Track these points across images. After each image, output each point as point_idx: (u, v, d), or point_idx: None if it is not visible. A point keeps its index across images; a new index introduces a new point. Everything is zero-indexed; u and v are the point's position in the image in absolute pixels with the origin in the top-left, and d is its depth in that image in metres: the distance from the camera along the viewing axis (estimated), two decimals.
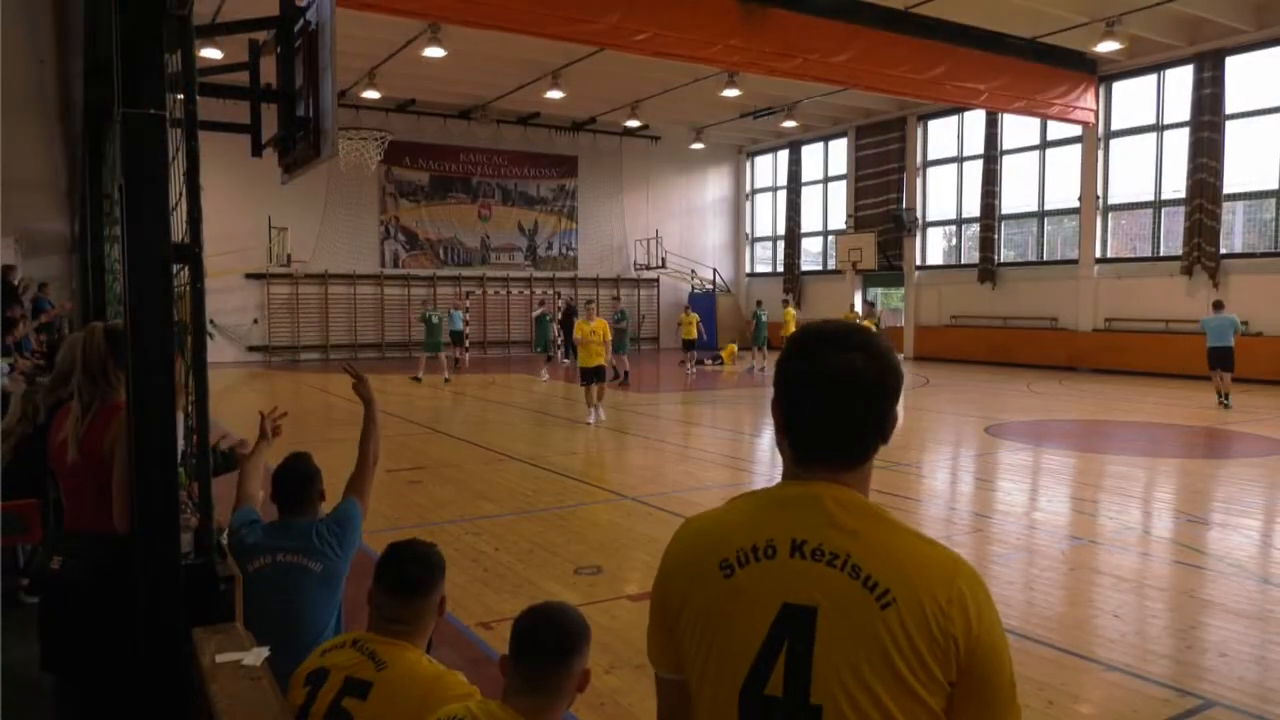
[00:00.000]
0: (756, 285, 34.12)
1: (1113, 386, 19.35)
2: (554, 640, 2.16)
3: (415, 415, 14.77)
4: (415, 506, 8.23)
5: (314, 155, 4.16)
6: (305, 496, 3.39)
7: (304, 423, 14.59)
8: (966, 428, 13.62)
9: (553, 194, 31.39)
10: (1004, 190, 25.51)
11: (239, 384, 20.11)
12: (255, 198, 25.11)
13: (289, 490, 3.40)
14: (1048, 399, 17.31)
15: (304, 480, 3.42)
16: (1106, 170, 23.20)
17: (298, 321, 27.30)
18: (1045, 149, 24.58)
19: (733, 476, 9.83)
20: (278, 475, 3.40)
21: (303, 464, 3.47)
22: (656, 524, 7.57)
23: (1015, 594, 5.81)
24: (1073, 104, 21.90)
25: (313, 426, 14.10)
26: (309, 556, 3.25)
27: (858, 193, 29.58)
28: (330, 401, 17.73)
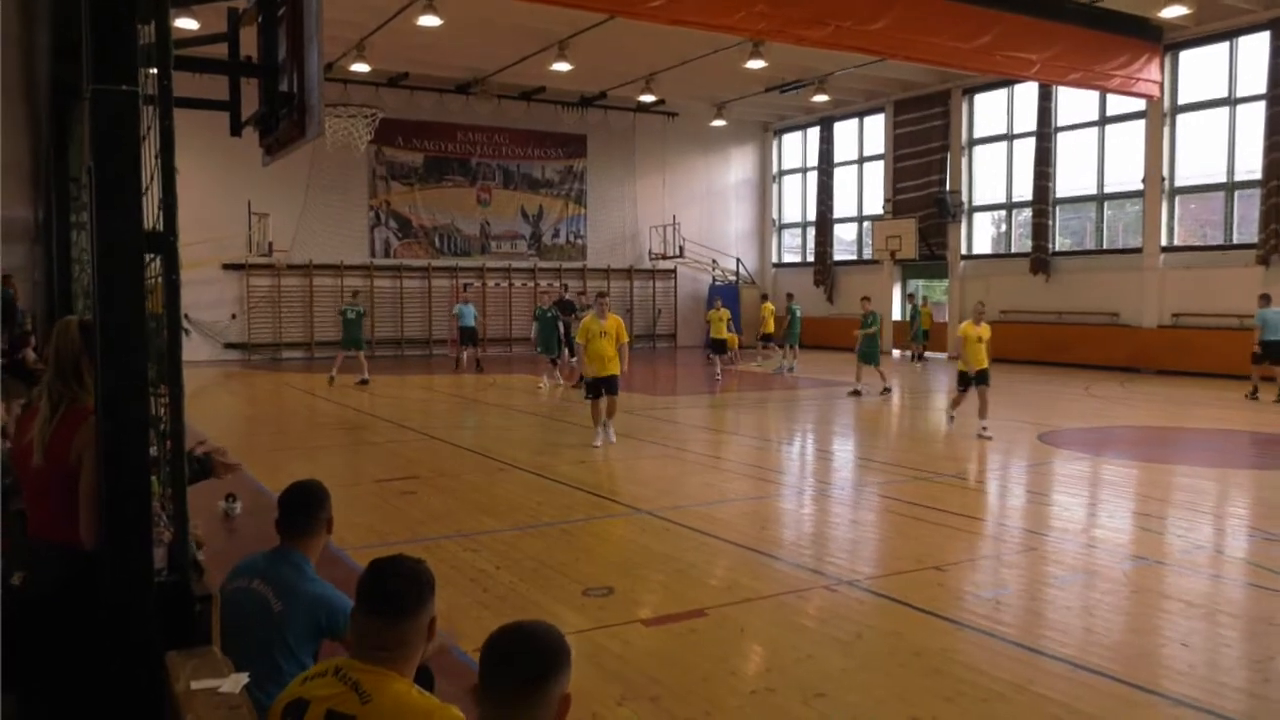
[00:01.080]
0: (784, 276, 34.05)
1: (1180, 389, 19.21)
2: (529, 662, 2.14)
3: (409, 420, 14.82)
4: (407, 519, 8.25)
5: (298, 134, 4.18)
6: (304, 524, 3.40)
7: (287, 429, 14.66)
8: (1017, 435, 13.54)
9: (559, 176, 31.43)
10: (1059, 171, 25.37)
11: (216, 384, 20.23)
12: (234, 181, 25.24)
13: (287, 515, 3.41)
14: (1108, 403, 17.19)
15: (303, 505, 3.43)
16: (1173, 149, 23.04)
17: (279, 316, 27.45)
18: (1105, 125, 24.43)
19: (758, 488, 9.81)
20: (282, 497, 3.42)
21: (304, 489, 3.49)
22: (674, 541, 7.57)
23: (1073, 620, 5.78)
24: (1135, 75, 21.76)
25: (296, 433, 14.17)
26: (276, 593, 3.26)
27: (896, 174, 29.48)
28: (315, 404, 17.81)
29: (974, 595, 6.22)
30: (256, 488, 9.48)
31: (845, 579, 6.52)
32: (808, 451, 12.72)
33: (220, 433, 13.18)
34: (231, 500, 8.27)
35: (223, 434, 13.11)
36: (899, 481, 10.05)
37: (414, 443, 12.74)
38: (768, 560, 7.04)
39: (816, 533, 8.05)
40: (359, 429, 14.10)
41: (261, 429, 14.62)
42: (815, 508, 9.10)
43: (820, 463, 11.74)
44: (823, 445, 13.05)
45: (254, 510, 8.32)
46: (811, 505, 9.22)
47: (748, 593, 6.25)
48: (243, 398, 18.63)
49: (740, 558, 7.11)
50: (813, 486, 10.08)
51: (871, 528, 8.25)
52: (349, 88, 26.47)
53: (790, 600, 6.12)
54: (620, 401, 12.73)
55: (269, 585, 3.27)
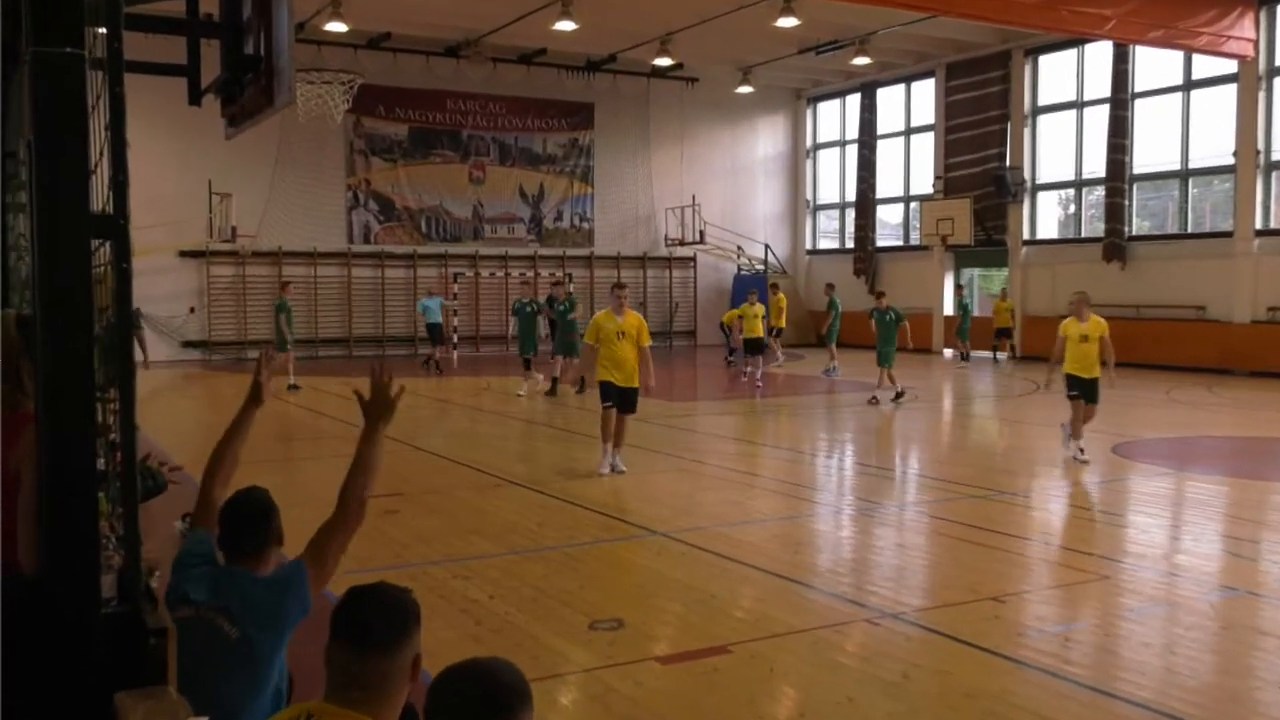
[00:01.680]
0: (819, 264, 34.02)
1: (1277, 394, 19.10)
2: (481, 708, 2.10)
3: (390, 428, 14.85)
4: (390, 542, 8.28)
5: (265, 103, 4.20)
6: (253, 539, 3.42)
7: (253, 439, 14.65)
8: (1088, 446, 13.49)
9: (562, 150, 31.48)
10: (1136, 144, 25.25)
11: (172, 388, 20.34)
12: (193, 157, 25.34)
13: (233, 530, 3.42)
14: (1192, 409, 17.10)
15: (251, 519, 3.44)
16: (1269, 117, 22.90)
17: (244, 311, 27.58)
18: (1190, 91, 24.30)
19: (790, 507, 9.80)
20: (223, 512, 3.43)
21: (251, 499, 3.50)
22: (693, 567, 7.57)
23: (1151, 659, 5.75)
24: (1225, 33, 21.64)
25: (264, 443, 14.20)
26: (228, 618, 3.27)
27: (948, 148, 29.41)
28: (286, 411, 17.88)
29: (1037, 630, 6.19)
30: None
31: (889, 611, 6.51)
32: (846, 465, 12.70)
33: (178, 443, 13.23)
34: (188, 520, 8.30)
35: (180, 445, 13.16)
36: (951, 499, 10.02)
37: (397, 454, 12.77)
38: (800, 589, 7.03)
39: (856, 558, 8.03)
40: (334, 439, 14.14)
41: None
42: (855, 529, 9.08)
43: (861, 478, 11.72)
44: (863, 458, 13.02)
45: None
46: (850, 527, 9.20)
47: (778, 626, 6.24)
48: (203, 403, 18.71)
49: (769, 586, 7.10)
50: (852, 505, 10.06)
51: (919, 552, 8.23)
52: (323, 50, 26.57)
53: (827, 635, 6.11)
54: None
55: (218, 612, 3.28)
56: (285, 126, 26.19)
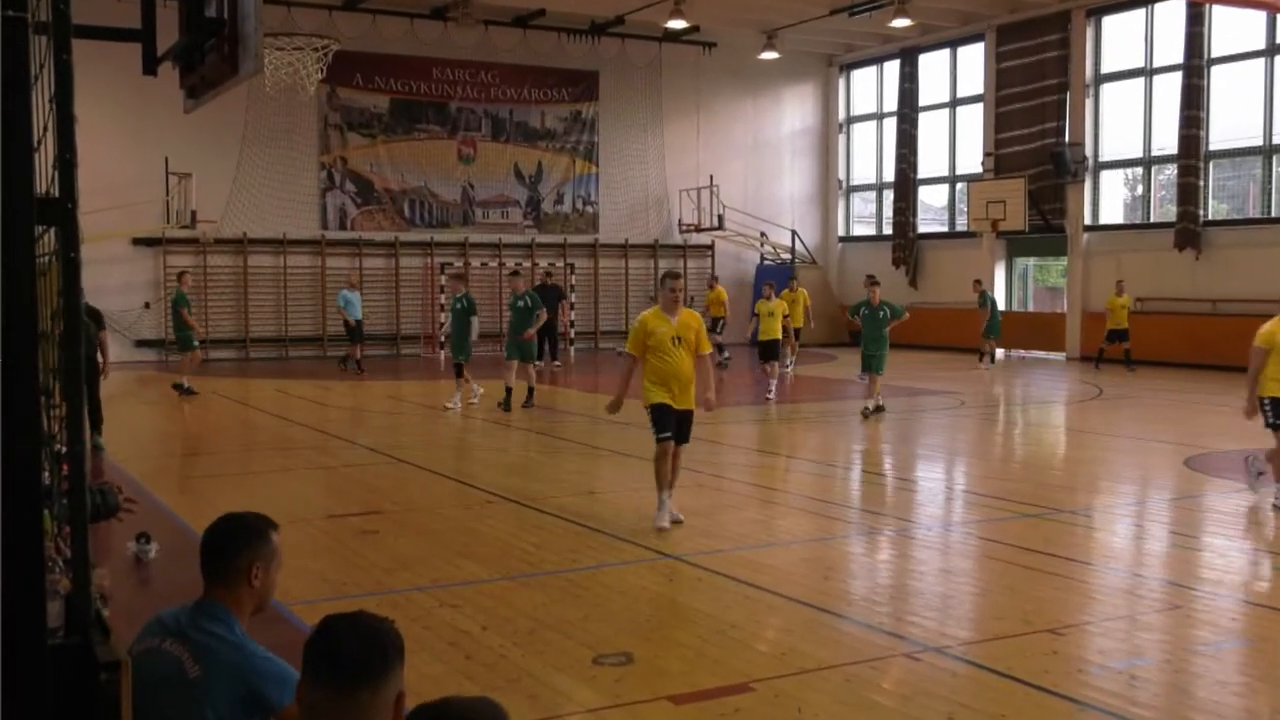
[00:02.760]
0: (854, 253, 34.00)
1: None
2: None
3: (368, 438, 14.90)
4: (369, 567, 8.30)
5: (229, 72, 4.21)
6: (226, 568, 3.43)
7: (215, 449, 14.77)
8: (1157, 459, 13.44)
9: (563, 125, 31.53)
10: (1212, 116, 25.18)
11: (126, 393, 20.41)
12: (148, 133, 25.42)
13: (210, 555, 3.45)
14: None
15: (225, 545, 3.45)
16: None
17: (205, 305, 27.64)
18: (1273, 57, 24.22)
19: (820, 527, 9.80)
20: (203, 538, 3.46)
21: (228, 523, 3.51)
22: (711, 595, 7.57)
23: (1230, 700, 5.74)
24: None
25: (228, 454, 14.27)
26: (194, 654, 3.28)
27: (1000, 121, 29.37)
28: (251, 418, 17.93)
29: (1100, 666, 6.19)
30: (177, 524, 9.55)
31: (933, 645, 6.50)
32: (884, 480, 12.68)
33: (132, 455, 13.30)
34: (144, 541, 8.34)
35: (135, 457, 13.24)
36: (1003, 519, 10.01)
37: (377, 467, 12.80)
38: (832, 620, 7.03)
39: (895, 585, 8.02)
40: (307, 450, 14.18)
41: (183, 449, 14.73)
42: (893, 552, 9.07)
43: (900, 495, 11.71)
44: (903, 471, 13.01)
45: (174, 554, 8.39)
46: (889, 549, 9.19)
47: (806, 661, 6.24)
48: (160, 410, 18.77)
49: (797, 616, 7.10)
50: (890, 525, 10.05)
51: (966, 579, 8.22)
52: (294, 12, 26.65)
53: (861, 672, 6.11)
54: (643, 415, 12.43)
55: (184, 645, 3.30)
56: (252, 98, 26.27)
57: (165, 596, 7.39)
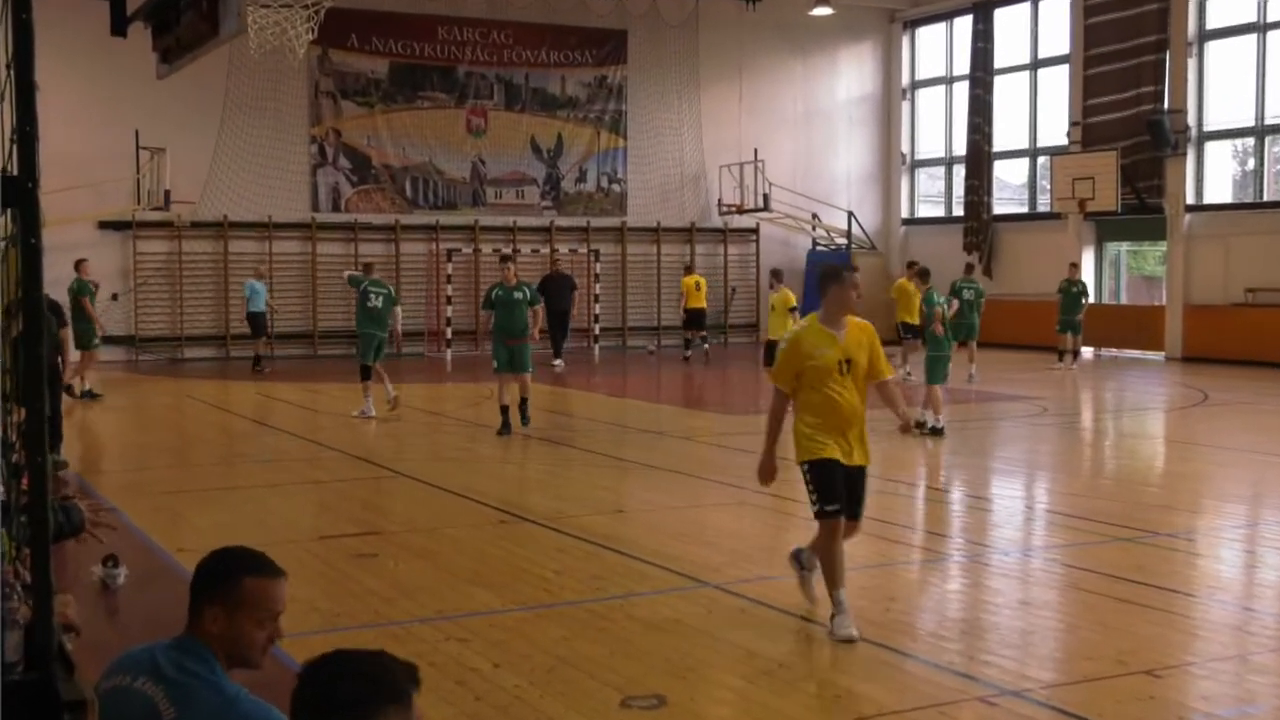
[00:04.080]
0: (919, 237, 33.82)
1: None
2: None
3: (367, 447, 14.94)
4: (366, 594, 8.32)
5: (208, 33, 4.24)
6: (214, 591, 3.45)
7: (191, 461, 14.85)
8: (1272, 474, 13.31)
9: (587, 92, 31.54)
10: None
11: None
12: (116, 103, 25.57)
13: (198, 582, 3.47)
14: None
15: (215, 566, 3.47)
16: None
17: (181, 297, 27.86)
18: None
19: (881, 552, 9.76)
20: (198, 566, 3.48)
21: (221, 556, 3.53)
22: (756, 628, 7.55)
23: None
24: None
25: (205, 467, 14.33)
26: (170, 695, 3.30)
27: (1089, 85, 29.15)
28: (232, 425, 18.01)
29: (1204, 713, 6.14)
30: (147, 546, 9.60)
31: (1010, 688, 6.47)
32: (954, 498, 12.61)
33: (97, 468, 13.40)
34: (112, 565, 8.39)
35: (100, 470, 13.33)
36: (1092, 543, 9.93)
37: (375, 481, 12.82)
38: (896, 658, 7.00)
39: (968, 618, 7.98)
40: (295, 462, 14.23)
41: (156, 461, 14.79)
42: (965, 581, 9.02)
43: (973, 515, 11.65)
44: (976, 488, 12.95)
45: (144, 579, 8.44)
46: (960, 577, 9.14)
47: (865, 706, 6.21)
48: (129, 416, 18.90)
49: (854, 654, 7.07)
50: (961, 550, 10.00)
51: (1050, 612, 8.16)
52: None
53: (930, 717, 6.07)
54: (678, 422, 12.54)
55: (159, 685, 3.32)
56: (233, 63, 26.39)
57: (135, 628, 7.44)
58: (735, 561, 9.19)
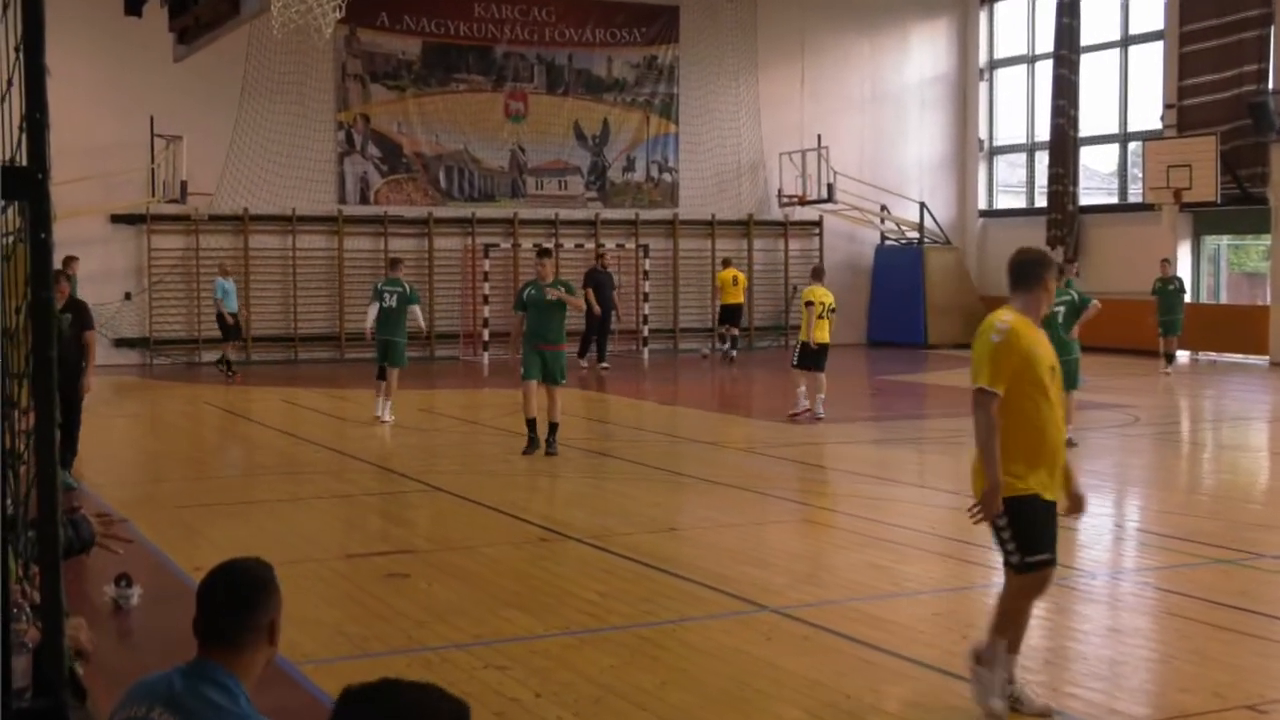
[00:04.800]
0: (998, 231, 33.60)
1: None
2: None
3: (397, 458, 15.00)
4: (398, 618, 8.35)
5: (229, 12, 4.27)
6: (235, 628, 3.47)
7: (209, 472, 14.96)
8: None
9: (635, 73, 31.55)
10: None
11: (102, 403, 20.72)
12: (130, 88, 25.82)
13: (210, 613, 3.48)
14: None
15: (234, 600, 3.49)
16: None
17: (198, 297, 28.05)
18: None
19: (956, 573, 9.70)
20: (202, 590, 3.50)
21: (240, 568, 3.55)
22: (820, 657, 7.52)
23: None
24: None
25: (226, 480, 14.44)
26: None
27: (1184, 64, 28.89)
28: (253, 435, 18.12)
29: None
30: (162, 564, 9.68)
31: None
32: None
33: (109, 479, 13.53)
34: (124, 585, 8.46)
35: (113, 481, 13.46)
36: (1188, 566, 9.84)
37: (406, 495, 12.86)
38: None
39: (1051, 647, 7.92)
40: (320, 474, 14.31)
41: (171, 473, 14.92)
42: (1048, 606, 8.93)
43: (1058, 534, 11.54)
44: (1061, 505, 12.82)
45: (158, 600, 8.49)
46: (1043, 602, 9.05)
47: None
48: (142, 423, 19.07)
49: (927, 685, 7.04)
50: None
51: (1142, 640, 8.09)
52: None
53: None
54: (735, 432, 12.34)
55: (177, 716, 3.34)
56: (254, 45, 26.61)
57: (150, 652, 7.50)
58: (797, 584, 9.16)
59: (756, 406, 22.27)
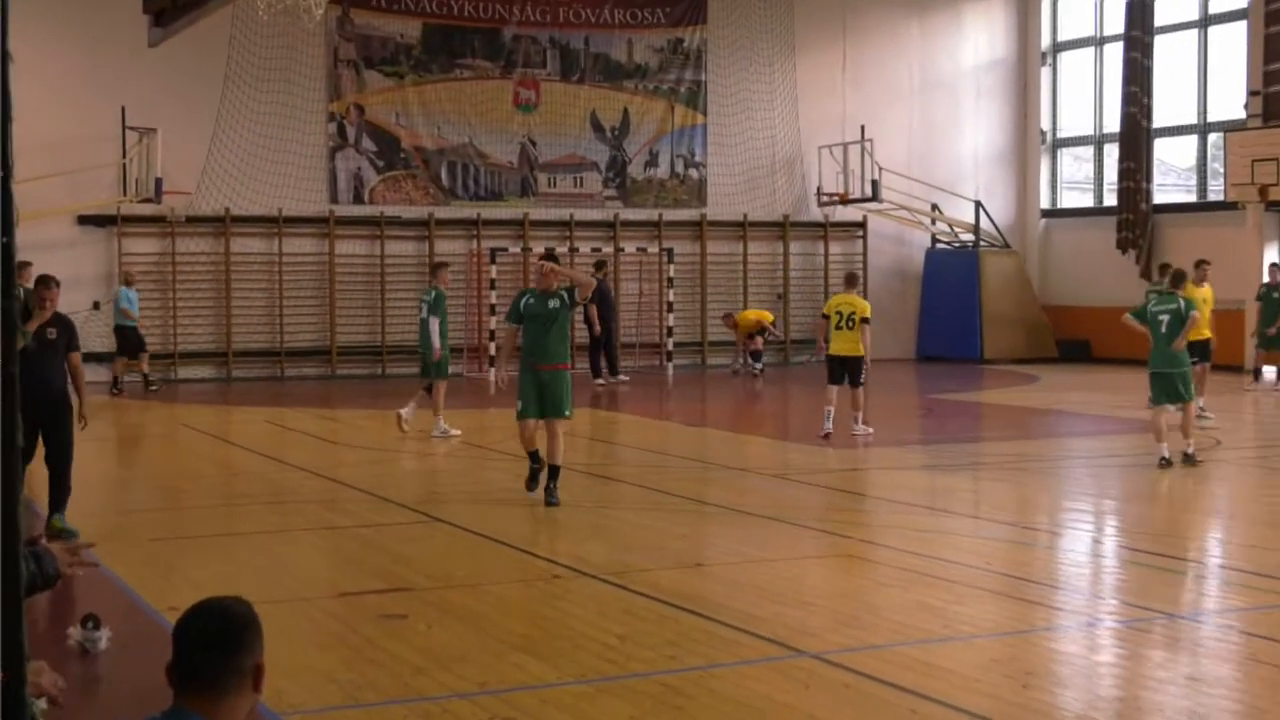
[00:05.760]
0: (1062, 233, 33.54)
1: None
2: None
3: (394, 486, 15.01)
4: (393, 664, 8.35)
5: None
6: (215, 674, 3.49)
7: (186, 501, 14.99)
8: None
9: (659, 58, 31.58)
10: None
11: None
12: (100, 76, 25.94)
13: (187, 649, 3.50)
14: None
15: (214, 643, 3.51)
16: None
17: (174, 306, 28.12)
18: None
19: (1016, 615, 9.67)
20: (178, 631, 3.52)
21: (220, 609, 3.57)
22: (863, 707, 7.52)
23: None
24: None
25: (205, 510, 14.46)
26: None
27: (1270, 46, 28.83)
28: (235, 461, 18.15)
29: None
30: (133, 604, 9.69)
31: None
32: (1105, 550, 12.48)
33: (73, 508, 13.55)
34: (91, 627, 8.48)
35: (77, 511, 13.48)
36: (1275, 607, 9.81)
37: (405, 527, 12.86)
38: None
39: (1123, 696, 7.90)
40: (310, 504, 14.34)
41: (144, 502, 14.95)
42: (1120, 651, 8.92)
43: (1129, 571, 11.51)
44: (1132, 538, 12.81)
45: (129, 643, 8.51)
46: (1113, 647, 9.04)
47: None
48: (111, 447, 19.11)
49: None
50: (1114, 613, 9.89)
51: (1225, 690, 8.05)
52: None
53: None
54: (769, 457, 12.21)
55: None
56: (237, 27, 26.74)
57: (119, 699, 7.52)
58: (838, 626, 9.15)
59: (792, 428, 22.24)
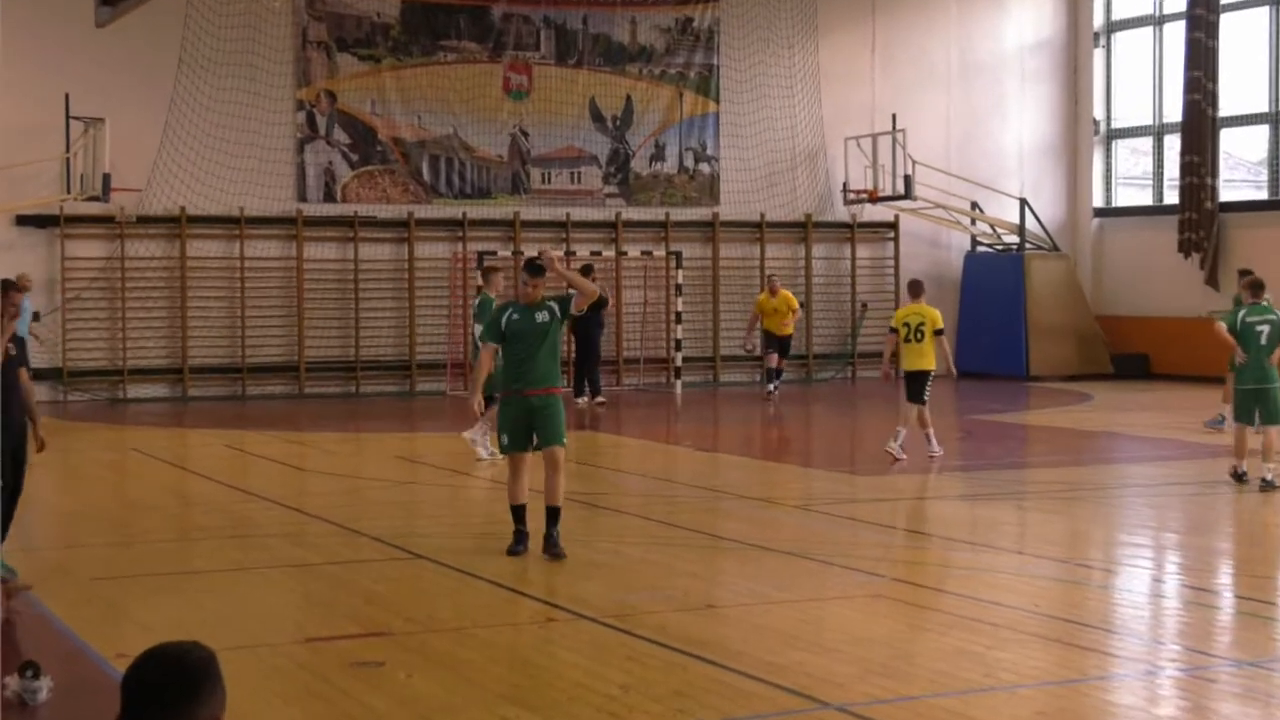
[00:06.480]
0: (1117, 234, 33.57)
1: None
2: None
3: (368, 522, 15.00)
4: (370, 717, 8.34)
5: None
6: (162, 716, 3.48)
7: (137, 535, 14.99)
8: None
9: (665, 40, 31.65)
10: None
11: None
12: (41, 59, 25.97)
13: (141, 706, 3.49)
14: None
15: (171, 688, 3.50)
16: None
17: (123, 316, 28.14)
18: None
19: (1065, 662, 9.66)
20: (128, 680, 3.51)
21: (174, 659, 3.56)
22: None
23: None
24: None
25: (158, 545, 14.44)
26: None
27: None
28: (192, 490, 18.15)
29: None
30: (76, 649, 9.68)
31: None
32: (1166, 591, 12.46)
33: (10, 543, 13.54)
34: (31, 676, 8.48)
35: (14, 547, 13.48)
36: None
37: (380, 564, 12.86)
38: None
39: None
40: (274, 538, 14.34)
41: (89, 536, 14.94)
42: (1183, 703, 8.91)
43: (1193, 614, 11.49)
44: (1195, 577, 12.82)
45: (72, 693, 8.50)
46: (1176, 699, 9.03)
47: None
48: (53, 474, 19.10)
49: None
50: (1177, 661, 9.90)
51: None
52: None
53: None
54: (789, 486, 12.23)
55: None
56: (194, 7, 26.89)
57: None
58: (866, 675, 9.13)
59: (816, 454, 22.24)
